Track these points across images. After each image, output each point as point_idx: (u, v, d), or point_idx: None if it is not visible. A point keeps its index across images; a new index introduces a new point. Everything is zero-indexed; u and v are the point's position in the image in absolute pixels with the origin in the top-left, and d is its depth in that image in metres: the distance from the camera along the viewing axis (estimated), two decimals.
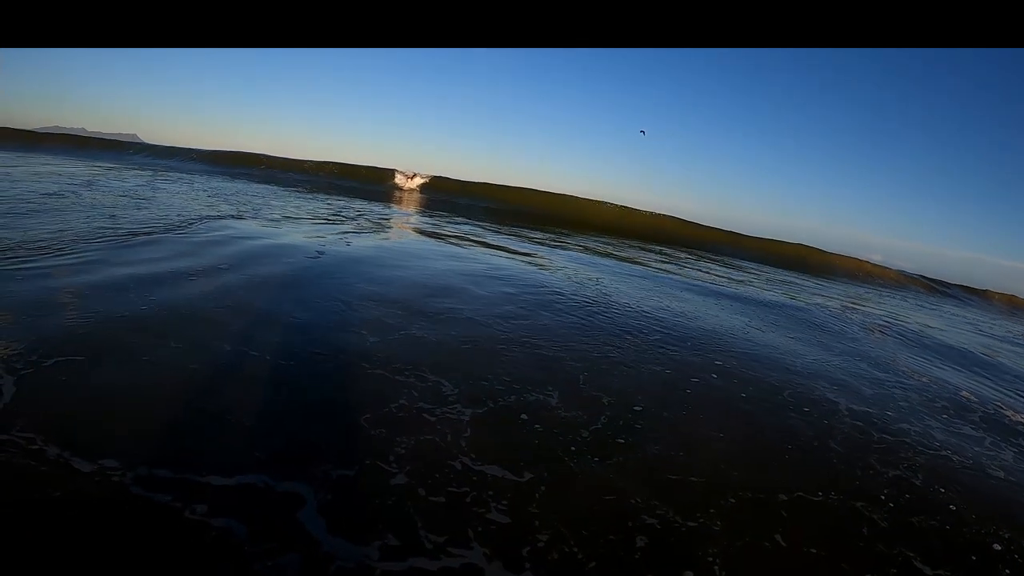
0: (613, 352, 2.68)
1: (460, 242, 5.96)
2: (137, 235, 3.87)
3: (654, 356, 2.72)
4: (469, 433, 1.69)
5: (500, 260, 4.96)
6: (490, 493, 1.43)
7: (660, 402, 2.15)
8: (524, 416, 1.85)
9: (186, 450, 1.47)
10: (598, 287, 4.32)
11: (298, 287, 3.02)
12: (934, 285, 14.60)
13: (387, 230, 6.51)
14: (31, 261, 2.87)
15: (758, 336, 3.64)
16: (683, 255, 9.84)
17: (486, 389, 2.02)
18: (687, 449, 1.81)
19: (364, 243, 4.93)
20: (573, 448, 1.69)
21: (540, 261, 5.38)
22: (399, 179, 16.59)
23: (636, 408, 2.04)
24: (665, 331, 3.23)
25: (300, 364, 2.05)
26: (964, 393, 3.22)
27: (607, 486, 1.54)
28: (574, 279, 4.55)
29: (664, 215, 14.73)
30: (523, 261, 5.12)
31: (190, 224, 4.62)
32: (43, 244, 3.26)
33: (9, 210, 4.31)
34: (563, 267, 5.27)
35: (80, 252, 3.19)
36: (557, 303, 3.47)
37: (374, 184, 16.05)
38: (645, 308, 3.80)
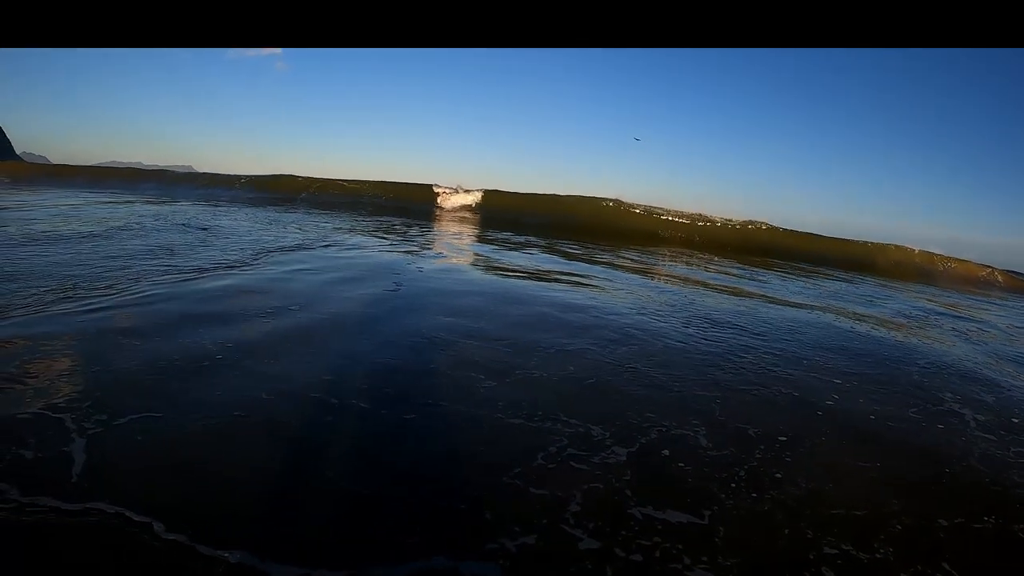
0: (735, 376, 2.67)
1: (534, 267, 5.79)
2: (205, 272, 3.80)
3: (773, 377, 2.71)
4: (630, 477, 1.69)
5: (584, 285, 4.85)
6: (679, 546, 1.43)
7: (799, 430, 2.15)
8: (669, 452, 1.86)
9: (333, 535, 1.32)
10: (693, 308, 4.24)
11: (387, 328, 2.90)
12: (1016, 277, 13.42)
13: (455, 256, 6.41)
14: (96, 303, 2.80)
15: (861, 347, 3.60)
16: (745, 263, 9.70)
17: (634, 427, 2.01)
18: (837, 479, 1.82)
19: (439, 274, 4.79)
20: (733, 485, 1.71)
21: (619, 284, 5.29)
22: (450, 195, 15.53)
23: (782, 438, 2.05)
24: (775, 350, 3.22)
25: (423, 419, 1.89)
26: None
27: (778, 523, 1.56)
28: (663, 300, 4.51)
29: (739, 224, 13.55)
30: (607, 286, 4.97)
31: (258, 258, 4.62)
32: (109, 283, 3.20)
33: (75, 247, 4.35)
34: (649, 288, 5.20)
35: (147, 292, 3.11)
36: (660, 327, 3.45)
37: (424, 203, 15.32)
38: (747, 327, 3.76)
